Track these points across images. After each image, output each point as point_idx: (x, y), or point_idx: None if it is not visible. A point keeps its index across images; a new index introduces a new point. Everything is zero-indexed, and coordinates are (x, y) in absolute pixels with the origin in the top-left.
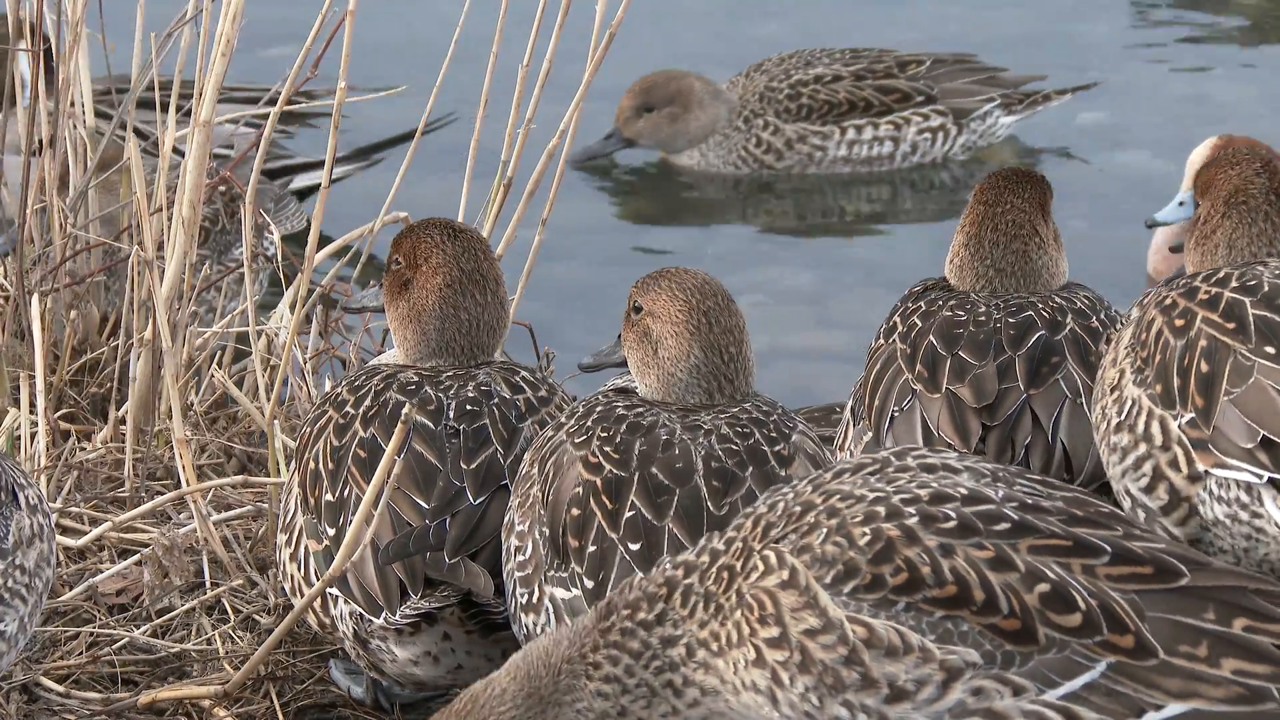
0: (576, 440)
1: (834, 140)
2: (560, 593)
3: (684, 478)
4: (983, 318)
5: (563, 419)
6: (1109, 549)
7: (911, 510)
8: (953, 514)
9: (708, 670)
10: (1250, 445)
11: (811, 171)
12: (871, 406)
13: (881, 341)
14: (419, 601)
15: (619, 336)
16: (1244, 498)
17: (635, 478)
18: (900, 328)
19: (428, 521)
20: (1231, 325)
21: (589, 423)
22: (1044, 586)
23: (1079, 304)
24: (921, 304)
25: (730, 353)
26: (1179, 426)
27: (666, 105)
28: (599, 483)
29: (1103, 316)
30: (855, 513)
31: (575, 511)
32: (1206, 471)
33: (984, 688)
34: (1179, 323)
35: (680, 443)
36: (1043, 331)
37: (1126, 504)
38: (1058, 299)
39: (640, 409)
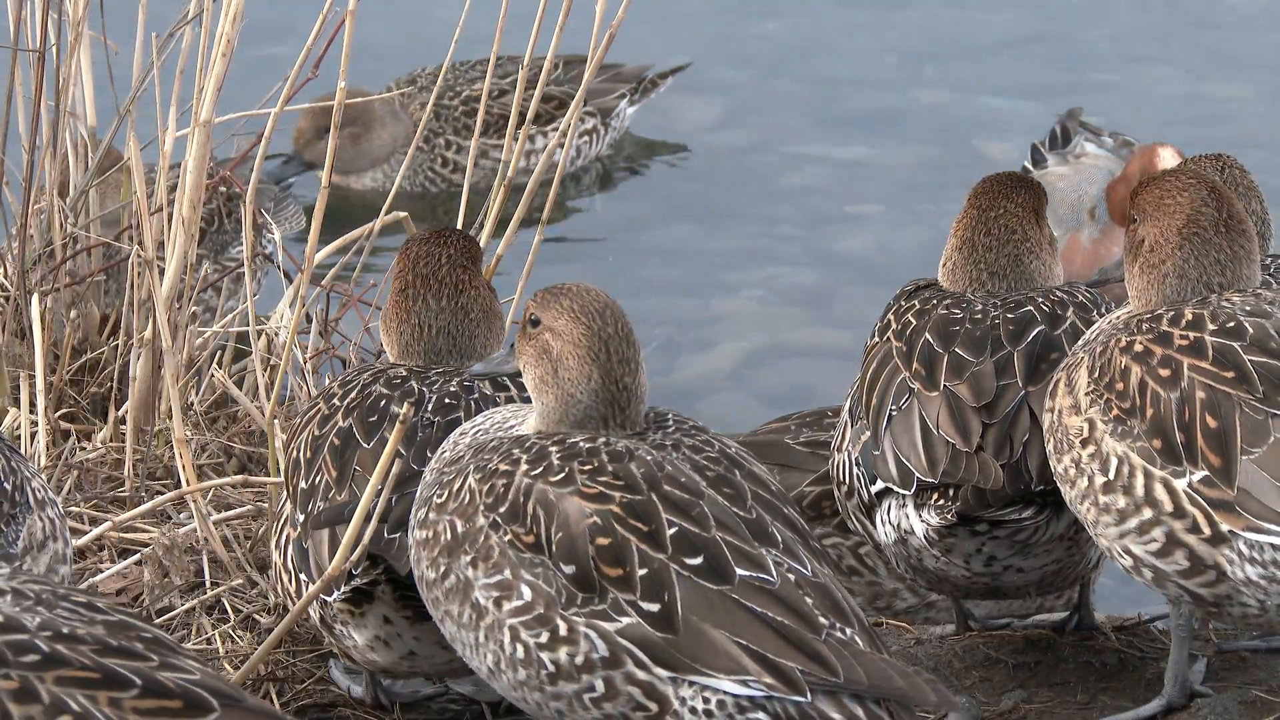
0: (553, 479)
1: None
2: (606, 625)
3: (695, 491)
4: (979, 315)
5: (491, 465)
6: (139, 682)
7: None
8: None
9: None
10: None
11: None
12: (869, 405)
13: (877, 340)
14: (359, 577)
15: (512, 345)
16: None
17: (654, 497)
18: (895, 325)
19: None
20: (1230, 374)
21: (556, 460)
22: (66, 719)
23: (1080, 297)
24: (915, 302)
25: (625, 382)
26: (1189, 485)
27: (348, 125)
28: (617, 509)
29: (1103, 311)
30: None
31: (603, 541)
32: (1232, 532)
33: None
34: (1164, 373)
35: (669, 460)
36: (1042, 326)
37: (1126, 562)
38: (1058, 293)
39: (600, 437)
